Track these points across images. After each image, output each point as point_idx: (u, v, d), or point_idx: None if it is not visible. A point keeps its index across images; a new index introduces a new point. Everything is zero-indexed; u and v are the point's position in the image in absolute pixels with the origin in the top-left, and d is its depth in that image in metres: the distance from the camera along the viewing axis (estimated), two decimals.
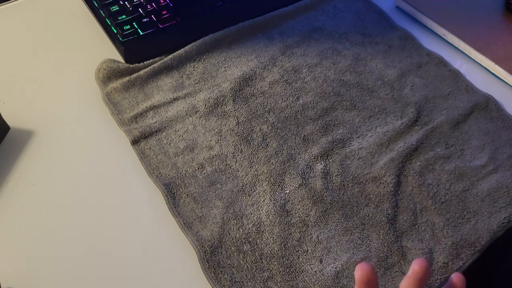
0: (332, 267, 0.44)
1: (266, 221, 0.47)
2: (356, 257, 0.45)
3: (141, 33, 0.61)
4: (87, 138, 0.54)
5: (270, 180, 0.49)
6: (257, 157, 0.51)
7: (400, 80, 0.59)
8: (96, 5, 0.65)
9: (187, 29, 0.63)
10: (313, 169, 0.50)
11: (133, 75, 0.58)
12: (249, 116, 0.55)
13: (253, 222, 0.47)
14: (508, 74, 0.59)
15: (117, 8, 0.63)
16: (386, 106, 0.56)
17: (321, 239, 0.46)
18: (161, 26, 0.62)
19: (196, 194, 0.48)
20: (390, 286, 0.43)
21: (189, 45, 0.61)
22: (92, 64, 0.60)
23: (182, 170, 0.50)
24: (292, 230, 0.46)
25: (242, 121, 0.54)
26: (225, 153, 0.52)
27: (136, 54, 0.60)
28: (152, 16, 0.63)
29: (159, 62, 0.59)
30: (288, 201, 0.48)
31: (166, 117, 0.55)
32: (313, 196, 0.48)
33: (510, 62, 0.60)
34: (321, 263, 0.44)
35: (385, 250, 0.45)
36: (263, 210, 0.47)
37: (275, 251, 0.45)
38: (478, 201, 0.48)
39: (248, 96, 0.57)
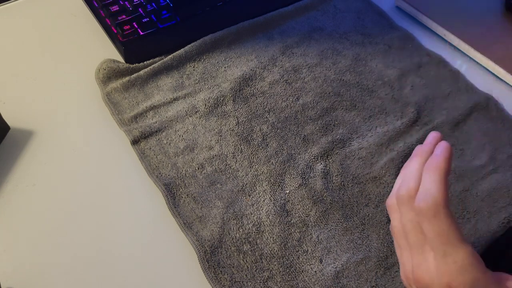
0: (332, 267, 0.44)
1: (266, 221, 0.47)
2: (356, 257, 0.45)
3: (141, 33, 0.61)
4: (87, 138, 0.54)
5: (270, 180, 0.49)
6: (257, 157, 0.51)
7: (400, 80, 0.59)
8: (96, 5, 0.65)
9: (187, 29, 0.63)
10: (313, 169, 0.50)
11: (133, 75, 0.58)
12: (249, 116, 0.55)
13: (253, 222, 0.47)
14: (508, 74, 0.59)
15: (117, 8, 0.63)
16: (386, 106, 0.56)
17: (321, 239, 0.46)
18: (161, 26, 0.62)
19: (196, 194, 0.48)
20: (390, 286, 0.43)
21: (189, 45, 0.61)
22: (92, 64, 0.60)
23: (182, 170, 0.50)
24: (292, 230, 0.46)
25: (242, 121, 0.54)
26: (225, 153, 0.52)
27: (136, 54, 0.60)
28: (152, 16, 0.63)
29: (159, 62, 0.59)
30: (288, 201, 0.48)
31: (166, 117, 0.55)
32: (313, 196, 0.48)
33: (510, 62, 0.60)
34: (321, 263, 0.44)
35: (385, 250, 0.45)
36: (263, 210, 0.47)
37: (275, 251, 0.45)
38: (478, 201, 0.48)
39: (248, 96, 0.57)
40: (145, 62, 0.60)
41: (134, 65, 0.59)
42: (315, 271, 0.44)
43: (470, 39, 0.62)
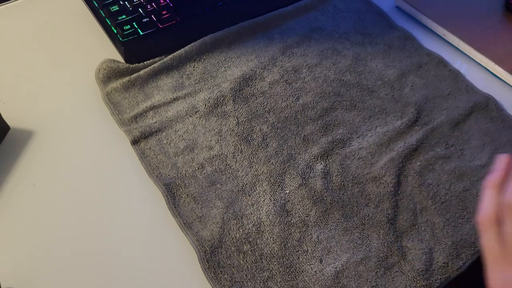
0: (332, 267, 0.44)
1: (266, 221, 0.47)
2: (356, 257, 0.45)
3: (141, 33, 0.61)
4: (87, 138, 0.54)
5: (270, 180, 0.49)
6: (257, 157, 0.51)
7: (400, 80, 0.59)
8: (96, 5, 0.65)
9: (187, 29, 0.63)
10: (313, 169, 0.50)
11: (133, 75, 0.58)
12: (249, 116, 0.55)
13: (253, 222, 0.47)
14: (508, 74, 0.59)
15: (117, 8, 0.63)
16: (386, 106, 0.56)
17: (321, 239, 0.46)
18: (161, 26, 0.62)
19: (196, 194, 0.48)
20: (390, 286, 0.43)
21: (189, 45, 0.61)
22: (92, 64, 0.60)
23: (182, 170, 0.50)
24: (292, 230, 0.46)
25: (242, 121, 0.54)
26: (225, 153, 0.52)
27: (136, 54, 0.60)
28: (152, 16, 0.63)
29: (159, 62, 0.59)
30: (288, 201, 0.48)
31: (166, 117, 0.55)
32: (313, 196, 0.48)
33: (510, 62, 0.60)
34: (321, 263, 0.44)
35: (385, 250, 0.45)
36: (263, 210, 0.47)
37: (275, 251, 0.45)
38: (478, 201, 0.48)
39: (248, 96, 0.57)
40: (145, 62, 0.60)
41: (134, 65, 0.59)
42: (315, 271, 0.44)
43: (470, 39, 0.62)
